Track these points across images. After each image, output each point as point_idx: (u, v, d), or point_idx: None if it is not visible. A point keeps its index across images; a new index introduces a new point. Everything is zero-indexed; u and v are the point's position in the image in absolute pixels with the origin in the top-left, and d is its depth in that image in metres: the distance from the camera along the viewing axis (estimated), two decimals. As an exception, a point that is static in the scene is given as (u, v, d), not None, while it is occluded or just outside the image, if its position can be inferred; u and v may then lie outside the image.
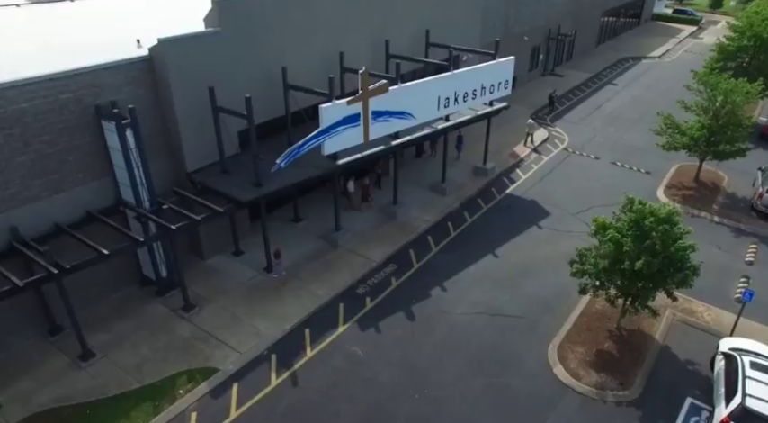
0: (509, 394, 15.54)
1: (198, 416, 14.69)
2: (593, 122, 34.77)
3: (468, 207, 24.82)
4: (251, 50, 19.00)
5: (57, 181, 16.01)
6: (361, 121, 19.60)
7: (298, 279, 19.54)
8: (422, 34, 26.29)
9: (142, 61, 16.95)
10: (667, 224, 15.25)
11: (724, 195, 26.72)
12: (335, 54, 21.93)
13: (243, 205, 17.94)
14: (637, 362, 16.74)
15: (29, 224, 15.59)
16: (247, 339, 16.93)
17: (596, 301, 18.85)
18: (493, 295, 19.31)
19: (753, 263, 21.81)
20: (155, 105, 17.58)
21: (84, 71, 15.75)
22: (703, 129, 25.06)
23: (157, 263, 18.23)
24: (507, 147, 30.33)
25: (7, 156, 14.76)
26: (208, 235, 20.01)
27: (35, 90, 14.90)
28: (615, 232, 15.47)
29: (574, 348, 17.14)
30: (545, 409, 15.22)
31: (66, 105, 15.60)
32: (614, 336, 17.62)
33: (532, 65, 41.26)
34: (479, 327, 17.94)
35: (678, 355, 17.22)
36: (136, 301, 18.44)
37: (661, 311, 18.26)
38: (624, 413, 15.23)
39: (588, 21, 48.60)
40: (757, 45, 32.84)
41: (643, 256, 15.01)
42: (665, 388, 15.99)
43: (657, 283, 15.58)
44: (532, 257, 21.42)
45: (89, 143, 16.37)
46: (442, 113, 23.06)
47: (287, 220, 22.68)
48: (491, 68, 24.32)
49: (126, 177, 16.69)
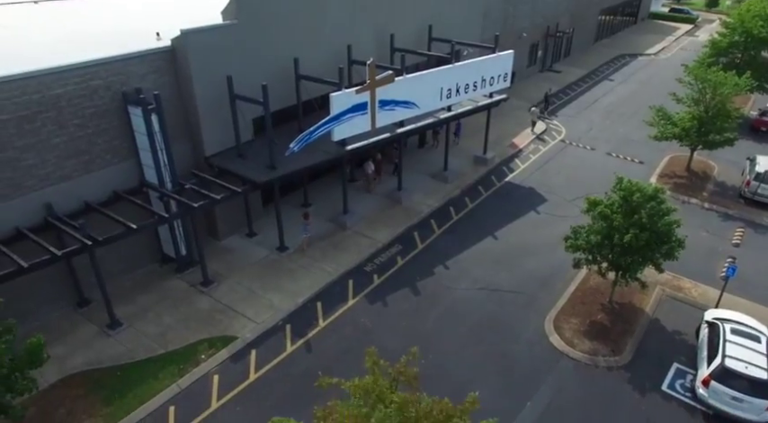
0: (508, 360, 16.83)
1: (220, 378, 15.98)
2: (589, 116, 36.13)
3: (468, 193, 26.15)
4: (265, 42, 20.31)
5: (87, 162, 17.30)
6: (368, 109, 20.90)
7: (309, 257, 20.86)
8: (425, 29, 27.63)
9: (165, 51, 18.26)
10: (654, 201, 16.60)
11: (714, 183, 28.08)
12: (343, 47, 23.26)
13: (258, 186, 19.25)
14: (627, 331, 18.06)
15: (61, 201, 16.88)
16: (263, 311, 18.23)
17: (590, 277, 20.21)
18: (493, 273, 20.63)
19: (739, 245, 23.15)
20: (176, 93, 18.88)
21: (113, 60, 17.07)
22: (694, 120, 26.42)
23: (177, 241, 19.53)
24: (507, 138, 31.69)
25: (44, 137, 16.06)
26: (223, 217, 21.33)
27: (69, 77, 16.20)
28: (605, 208, 16.81)
29: (568, 320, 18.46)
30: (541, 372, 16.52)
31: (97, 91, 16.91)
32: (607, 309, 18.94)
33: (531, 61, 42.64)
34: (480, 301, 19.24)
35: (666, 326, 18.55)
36: (157, 278, 19.74)
37: (651, 287, 19.59)
38: (615, 377, 16.55)
39: (586, 19, 50.01)
40: (748, 41, 34.21)
41: (631, 230, 16.35)
42: (653, 355, 17.30)
43: (645, 256, 16.90)
44: (530, 239, 22.76)
45: (116, 127, 17.67)
46: (444, 104, 24.38)
47: (297, 204, 23.97)
48: (491, 61, 25.64)
49: (150, 159, 17.99)
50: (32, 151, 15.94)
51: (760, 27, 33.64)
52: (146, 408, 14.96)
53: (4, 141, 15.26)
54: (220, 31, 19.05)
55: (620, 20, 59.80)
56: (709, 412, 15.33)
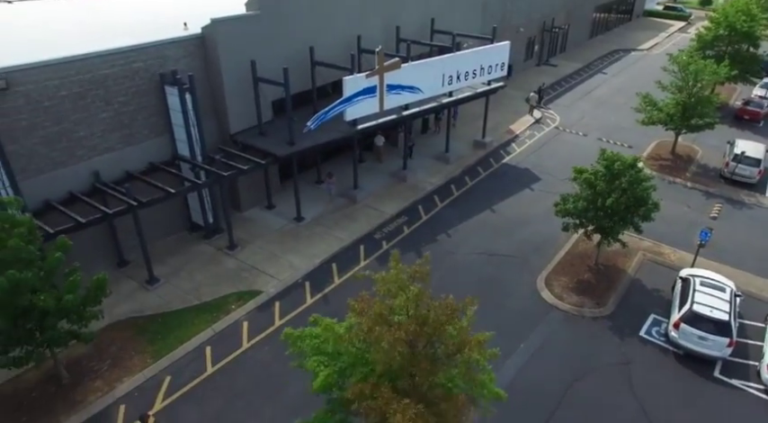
0: (504, 311, 19.09)
1: (249, 324, 18.28)
2: (582, 106, 38.48)
3: (468, 173, 28.48)
4: (284, 31, 22.63)
5: (128, 135, 19.59)
6: (377, 92, 23.20)
7: (323, 226, 23.17)
8: (428, 22, 29.97)
9: (197, 38, 20.59)
10: (633, 169, 18.92)
11: (697, 166, 30.42)
12: (354, 37, 25.58)
13: (279, 159, 21.57)
14: (611, 288, 20.38)
15: (107, 170, 19.18)
16: (284, 270, 20.52)
17: (579, 244, 22.53)
18: (491, 240, 22.93)
19: (716, 218, 25.48)
20: (205, 75, 21.18)
21: (152, 45, 19.40)
22: (678, 105, 28.76)
23: (205, 210, 21.83)
24: (504, 125, 34.04)
25: (93, 112, 18.35)
26: (245, 190, 23.63)
27: (115, 59, 18.51)
28: (589, 175, 19.12)
29: (558, 278, 20.77)
30: (534, 321, 18.82)
31: (138, 72, 19.21)
32: (593, 270, 21.24)
33: (528, 55, 45.03)
34: (479, 264, 21.51)
35: (646, 284, 20.86)
36: (187, 243, 22.04)
37: (633, 253, 22.05)
38: (599, 325, 18.84)
39: (581, 15, 52.45)
40: (731, 35, 36.57)
41: (613, 194, 18.66)
42: (633, 307, 19.61)
43: (625, 218, 19.20)
44: (525, 212, 25.07)
45: (154, 105, 19.97)
46: (446, 89, 26.69)
47: (311, 181, 26.28)
48: (489, 51, 27.98)
49: (183, 134, 20.29)
50: (84, 124, 18.24)
51: (742, 22, 36.01)
52: (185, 347, 17.26)
53: (62, 115, 17.56)
54: (245, 20, 21.40)
55: (616, 17, 62.25)
56: (680, 352, 17.64)
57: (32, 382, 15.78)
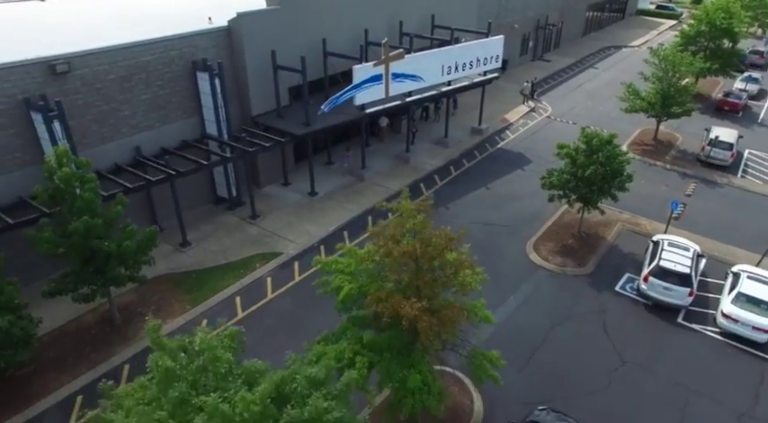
0: (496, 270, 21.54)
1: (272, 279, 21.04)
2: (573, 97, 41.32)
3: (466, 156, 31.29)
4: (300, 25, 25.39)
5: (164, 116, 22.35)
6: (383, 80, 25.96)
7: (334, 200, 25.94)
8: (428, 18, 32.76)
9: (224, 29, 23.36)
10: (609, 145, 21.69)
11: (676, 150, 33.26)
12: (361, 31, 28.31)
13: (297, 138, 24.33)
14: (591, 252, 23.17)
15: (146, 145, 21.94)
16: (301, 236, 23.29)
17: (565, 216, 25.31)
18: (485, 213, 25.71)
19: (691, 195, 28.31)
20: (230, 63, 23.93)
21: (186, 35, 22.18)
22: (658, 94, 31.56)
23: (230, 184, 24.59)
24: (499, 114, 36.87)
25: (135, 94, 21.11)
26: (264, 168, 26.40)
27: (155, 47, 21.27)
28: (570, 150, 21.89)
29: (545, 244, 23.55)
30: (522, 278, 21.61)
31: (174, 60, 21.97)
32: (576, 237, 24.02)
33: (523, 50, 47.87)
34: (475, 232, 24.11)
35: (623, 249, 23.65)
36: (213, 214, 24.81)
37: (613, 223, 24.90)
38: (579, 281, 21.62)
39: (574, 13, 55.32)
40: (712, 31, 39.39)
41: (592, 167, 21.41)
42: (610, 267, 22.41)
43: (603, 188, 21.95)
44: (516, 190, 27.87)
45: (187, 89, 22.73)
46: (445, 79, 29.46)
47: (322, 162, 29.04)
48: (484, 44, 30.78)
49: (212, 115, 23.05)
50: (127, 104, 21.00)
51: (722, 19, 38.85)
52: (217, 297, 20.02)
53: (110, 96, 20.32)
54: (266, 14, 24.18)
55: (609, 15, 65.17)
56: (649, 303, 20.42)
57: (91, 323, 18.53)
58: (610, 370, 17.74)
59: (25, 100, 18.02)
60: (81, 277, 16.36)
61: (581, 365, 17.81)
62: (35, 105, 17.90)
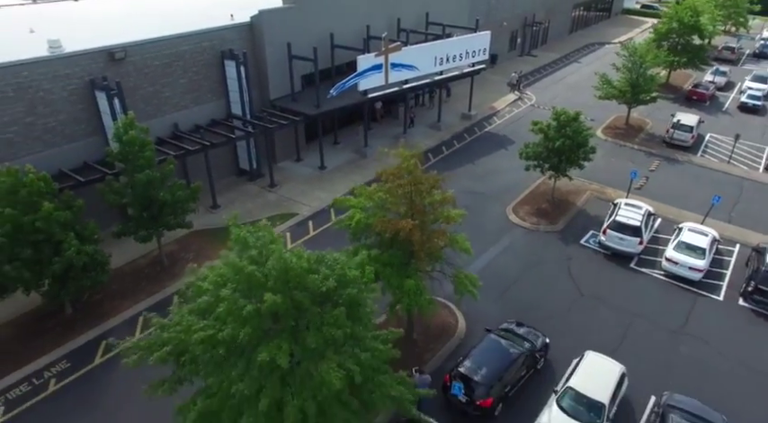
0: (481, 228, 25.94)
1: (290, 234, 25.18)
2: (556, 89, 45.58)
3: (456, 138, 35.53)
4: (311, 21, 29.53)
5: (197, 97, 26.46)
6: (383, 69, 30.15)
7: (341, 173, 30.12)
8: (423, 15, 36.96)
9: (247, 24, 27.48)
10: (575, 121, 25.86)
11: (645, 134, 37.52)
12: (364, 26, 32.44)
13: (310, 118, 28.45)
14: (562, 214, 27.36)
15: (182, 123, 26.04)
16: (314, 201, 27.43)
17: (541, 186, 29.50)
18: (472, 183, 29.88)
19: (654, 171, 32.54)
20: (252, 53, 28.02)
21: (216, 29, 26.31)
22: (628, 83, 35.79)
23: (251, 158, 28.71)
24: (487, 102, 41.13)
25: (175, 78, 25.22)
26: (279, 145, 30.51)
27: (191, 39, 25.39)
28: (543, 125, 26.07)
29: (522, 207, 27.74)
30: (501, 234, 25.78)
31: (206, 50, 26.10)
32: (550, 202, 28.19)
33: (511, 46, 52.16)
34: (462, 198, 27.77)
35: (589, 212, 27.84)
36: (236, 184, 28.93)
37: (582, 192, 29.08)
38: (550, 236, 25.80)
39: (560, 12, 59.68)
40: (681, 28, 43.65)
41: (560, 139, 25.57)
42: (577, 226, 26.59)
43: (570, 158, 26.11)
44: (500, 165, 32.07)
45: (216, 75, 26.85)
46: (437, 69, 33.65)
47: (329, 143, 33.18)
48: (472, 39, 35.02)
49: (237, 98, 27.17)
50: (168, 87, 25.11)
51: (689, 16, 43.12)
52: (246, 248, 24.04)
53: (155, 79, 24.43)
54: (283, 11, 28.35)
55: (595, 14, 69.60)
56: (608, 253, 24.59)
57: (144, 266, 22.63)
58: (570, 301, 21.91)
59: (91, 81, 22.14)
60: (140, 222, 20.46)
61: (547, 297, 21.96)
62: (99, 85, 22.01)
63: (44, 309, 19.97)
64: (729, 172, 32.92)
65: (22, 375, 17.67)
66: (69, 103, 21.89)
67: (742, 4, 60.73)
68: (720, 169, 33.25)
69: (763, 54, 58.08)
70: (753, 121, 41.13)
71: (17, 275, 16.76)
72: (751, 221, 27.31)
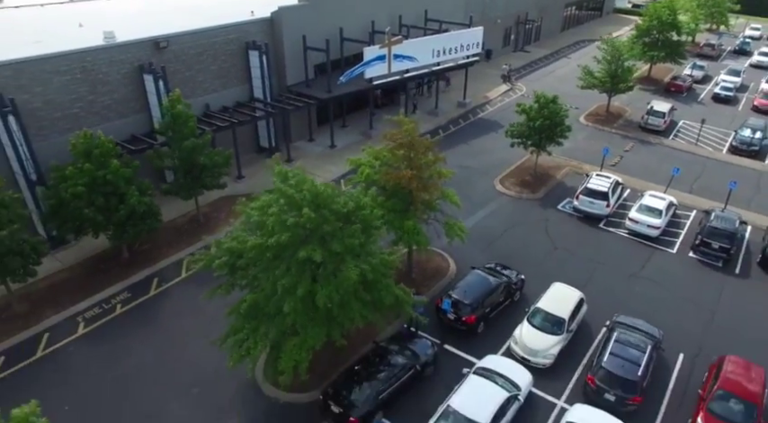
0: (471, 196, 30.07)
1: (307, 200, 29.25)
2: (546, 80, 49.77)
3: (452, 123, 39.77)
4: (323, 16, 33.73)
5: (225, 82, 30.67)
6: (386, 59, 34.34)
7: (350, 151, 34.15)
8: (422, 13, 41.17)
9: (267, 19, 31.69)
10: (553, 103, 30.01)
11: (624, 120, 41.71)
12: (369, 22, 36.65)
13: (323, 101, 32.65)
14: (543, 184, 31.55)
15: (213, 104, 30.24)
16: (326, 173, 31.63)
17: (525, 162, 33.65)
18: (465, 160, 34.04)
19: (628, 151, 36.70)
20: (272, 45, 32.20)
21: (241, 23, 30.53)
22: (607, 73, 39.94)
23: (270, 136, 32.91)
24: (481, 92, 45.36)
25: (206, 65, 29.43)
26: (294, 127, 34.67)
27: (219, 31, 29.61)
28: (526, 107, 30.24)
29: (508, 179, 31.93)
30: (489, 200, 30.00)
31: (232, 41, 30.30)
32: (532, 175, 32.37)
33: (505, 42, 56.37)
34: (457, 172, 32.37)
35: (567, 184, 32.01)
36: (256, 159, 33.10)
37: (562, 167, 33.20)
38: (531, 203, 29.99)
39: (552, 11, 63.92)
40: (659, 25, 47.80)
41: (540, 119, 29.71)
42: (556, 195, 30.77)
43: (549, 135, 30.24)
44: (490, 146, 36.26)
45: (240, 63, 31.06)
46: (435, 60, 37.83)
47: (338, 126, 37.38)
48: (466, 34, 39.22)
49: (259, 83, 31.38)
50: (201, 73, 29.31)
51: (667, 15, 47.28)
52: (269, 210, 28.18)
53: (190, 65, 28.64)
54: (299, 8, 32.62)
55: (586, 13, 73.85)
56: (580, 215, 28.72)
57: (183, 223, 26.84)
58: (546, 252, 26.05)
59: (140, 66, 26.34)
60: (184, 183, 24.63)
61: (525, 250, 26.10)
62: (147, 69, 26.21)
63: (106, 254, 24.22)
64: (696, 152, 37.12)
65: (93, 301, 21.91)
66: (122, 85, 26.10)
67: (723, 4, 64.91)
68: (689, 150, 37.42)
69: (743, 51, 62.29)
70: (724, 110, 45.31)
71: (93, 217, 20.92)
72: (709, 193, 31.43)
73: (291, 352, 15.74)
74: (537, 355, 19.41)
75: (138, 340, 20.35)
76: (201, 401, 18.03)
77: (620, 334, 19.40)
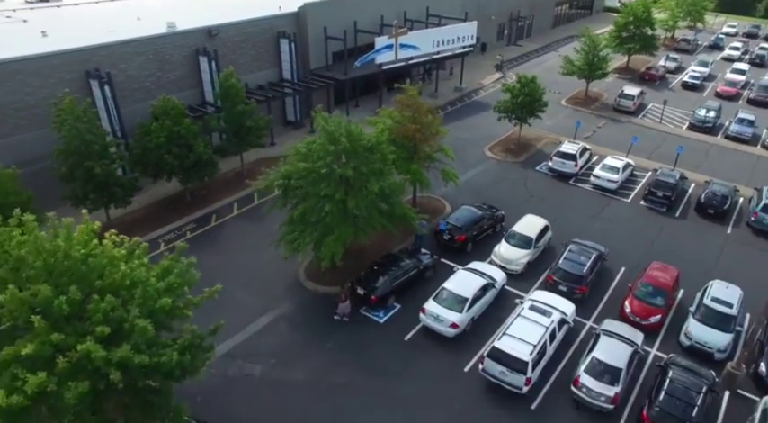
0: (464, 159, 36.60)
1: (328, 162, 35.89)
2: (535, 70, 55.93)
3: (449, 104, 46.51)
4: (341, 11, 40.42)
5: (260, 65, 37.36)
6: (394, 48, 41.01)
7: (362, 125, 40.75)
8: (424, 9, 47.87)
9: (294, 13, 38.36)
10: (533, 83, 36.60)
11: (600, 103, 48.37)
12: (379, 16, 43.30)
13: (340, 82, 39.27)
14: (525, 151, 38.18)
15: (250, 82, 36.86)
16: (343, 142, 38.11)
17: (511, 135, 40.22)
18: (460, 133, 40.62)
19: (601, 127, 43.32)
20: (298, 34, 38.83)
21: (273, 16, 37.24)
22: (584, 62, 46.52)
23: (296, 111, 39.56)
24: (477, 79, 52.07)
25: (245, 51, 36.11)
26: (316, 103, 41.17)
27: (256, 23, 36.30)
28: (509, 86, 36.84)
29: (496, 148, 38.57)
30: (480, 163, 36.63)
31: (267, 31, 36.99)
32: (516, 144, 38.99)
33: (499, 37, 63.05)
34: (453, 143, 38.79)
35: (545, 151, 38.62)
36: (284, 131, 39.75)
37: (543, 138, 39.80)
38: (514, 165, 36.66)
39: (543, 8, 70.65)
40: (635, 20, 54.36)
41: (521, 96, 36.29)
42: (535, 159, 37.40)
43: (529, 110, 36.81)
44: (481, 122, 42.91)
45: (272, 49, 37.74)
46: (435, 49, 44.52)
47: (352, 106, 44.01)
48: (462, 27, 45.91)
49: (288, 67, 38.08)
50: (242, 56, 35.97)
51: (641, 12, 53.88)
52: (298, 169, 34.80)
53: (234, 50, 35.32)
54: (321, 4, 39.37)
55: (576, 11, 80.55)
56: (554, 174, 35.32)
57: (230, 177, 33.52)
58: (523, 199, 32.64)
59: (196, 50, 33.00)
60: (232, 143, 31.24)
61: (507, 198, 32.64)
62: (202, 52, 32.86)
63: (172, 198, 30.93)
64: (659, 129, 43.74)
65: (168, 229, 28.61)
66: (182, 64, 32.79)
67: (699, 3, 71.54)
68: (653, 127, 44.02)
69: (717, 46, 68.92)
70: (691, 95, 51.89)
71: (170, 162, 27.51)
72: (665, 159, 37.93)
73: (329, 245, 22.29)
74: (511, 264, 25.97)
75: (206, 254, 26.75)
76: (261, 292, 24.57)
77: (573, 247, 25.95)
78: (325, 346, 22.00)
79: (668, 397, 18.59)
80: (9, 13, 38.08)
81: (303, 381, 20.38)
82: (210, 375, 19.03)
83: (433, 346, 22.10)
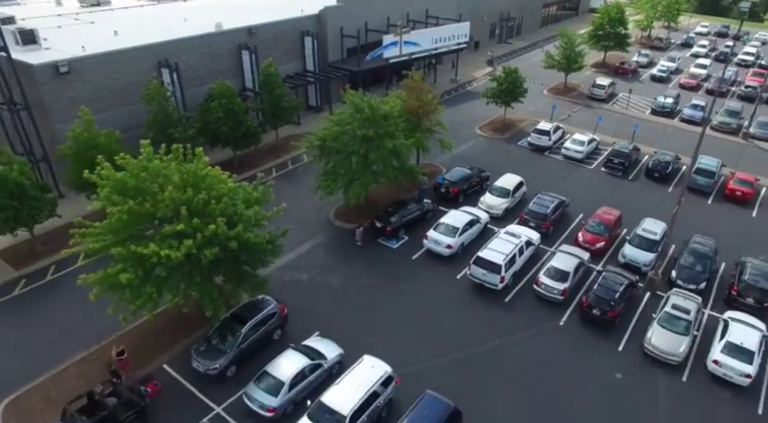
0: (458, 136, 44.46)
1: (346, 138, 43.89)
2: (522, 64, 63.80)
3: (446, 93, 54.60)
4: (354, 14, 48.45)
5: (288, 58, 45.37)
6: (398, 44, 49.02)
7: (372, 109, 48.82)
8: (423, 11, 55.89)
9: (316, 15, 46.35)
10: (515, 73, 44.59)
11: (577, 92, 56.53)
12: (385, 17, 51.28)
13: (354, 73, 47.27)
14: (509, 130, 46.34)
15: (281, 72, 44.65)
16: (357, 123, 46.10)
17: (498, 117, 48.22)
18: (454, 117, 48.63)
19: (576, 111, 51.43)
20: (319, 32, 46.75)
21: (300, 17, 45.26)
22: (563, 58, 54.53)
23: (317, 97, 47.57)
24: (470, 73, 60.15)
25: (276, 46, 44.13)
26: (333, 91, 49.23)
27: (285, 22, 44.34)
28: (496, 76, 44.83)
29: (484, 127, 46.70)
30: (470, 139, 44.70)
31: (294, 30, 44.99)
32: (502, 125, 47.02)
33: (491, 35, 71.16)
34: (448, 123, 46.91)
35: (527, 130, 46.64)
36: (307, 114, 47.75)
37: (524, 120, 47.88)
38: (499, 141, 44.80)
39: (531, 10, 78.81)
40: (609, 20, 62.43)
41: (506, 84, 44.28)
42: (517, 137, 45.58)
43: (512, 95, 44.80)
44: (472, 108, 50.98)
45: (298, 45, 45.71)
46: (434, 46, 52.59)
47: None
48: (457, 27, 53.98)
49: (311, 60, 46.15)
50: (274, 51, 43.89)
51: (615, 13, 61.99)
52: (321, 143, 42.78)
53: (268, 45, 43.29)
54: (338, 8, 47.45)
55: (563, 12, 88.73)
56: (532, 147, 43.35)
57: (267, 150, 41.40)
58: (505, 165, 40.59)
59: (238, 46, 40.93)
60: (270, 119, 39.19)
61: (493, 165, 40.59)
62: (244, 47, 40.80)
63: (223, 163, 38.51)
64: (626, 114, 51.90)
65: (223, 186, 36.40)
66: (228, 57, 40.74)
67: (672, 6, 79.76)
68: (621, 112, 52.18)
69: (688, 44, 77.18)
70: (658, 87, 60.04)
71: (226, 132, 35.39)
72: (627, 137, 45.89)
73: (355, 188, 30.26)
74: (493, 209, 33.98)
75: (255, 205, 34.81)
76: (303, 228, 32.39)
77: (540, 195, 34.01)
78: (354, 262, 29.96)
79: (599, 287, 26.64)
80: (75, 16, 46.06)
81: (340, 283, 28.35)
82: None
83: (434, 262, 30.08)
